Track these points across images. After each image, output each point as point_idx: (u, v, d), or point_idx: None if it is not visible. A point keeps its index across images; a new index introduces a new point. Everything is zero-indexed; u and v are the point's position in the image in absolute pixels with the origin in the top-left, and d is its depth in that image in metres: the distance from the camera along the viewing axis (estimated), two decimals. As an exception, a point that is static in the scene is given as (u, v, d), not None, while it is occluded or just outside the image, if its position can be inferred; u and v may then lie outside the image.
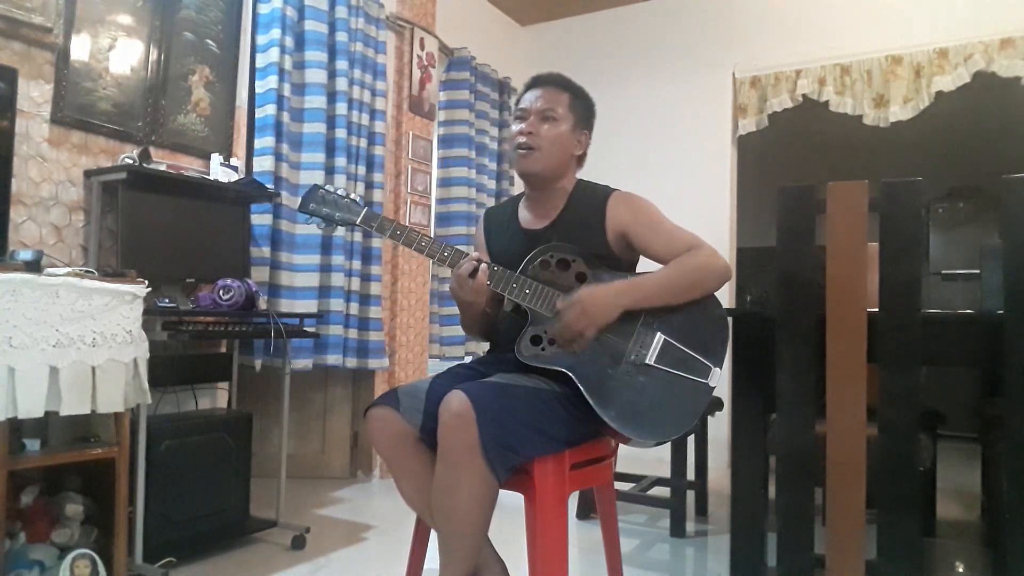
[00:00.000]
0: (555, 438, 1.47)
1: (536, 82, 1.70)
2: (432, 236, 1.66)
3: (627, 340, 1.53)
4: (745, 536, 1.87)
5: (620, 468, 3.08)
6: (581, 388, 1.48)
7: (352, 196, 1.63)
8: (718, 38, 4.39)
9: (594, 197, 1.68)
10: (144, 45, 2.62)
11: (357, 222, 1.59)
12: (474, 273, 1.54)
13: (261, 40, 3.07)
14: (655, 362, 1.51)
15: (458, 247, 1.58)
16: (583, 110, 1.70)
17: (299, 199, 1.63)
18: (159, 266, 2.43)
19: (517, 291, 1.55)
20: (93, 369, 1.83)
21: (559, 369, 1.50)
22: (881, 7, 3.94)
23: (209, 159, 2.80)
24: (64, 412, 1.77)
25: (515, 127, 1.67)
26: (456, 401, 1.37)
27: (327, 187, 1.63)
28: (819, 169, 5.37)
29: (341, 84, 3.29)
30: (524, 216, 1.75)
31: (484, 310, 1.68)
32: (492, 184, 4.46)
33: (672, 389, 1.50)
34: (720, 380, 1.52)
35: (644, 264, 1.67)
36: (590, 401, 1.47)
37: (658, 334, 1.53)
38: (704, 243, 1.59)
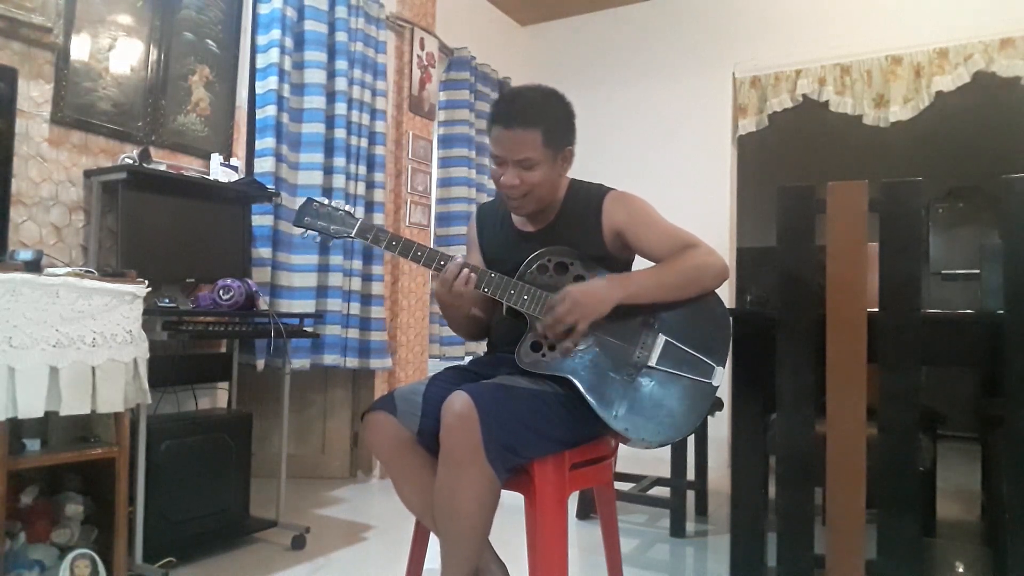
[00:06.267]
0: (556, 440, 1.47)
1: (508, 122, 1.54)
2: (429, 245, 1.63)
3: (629, 342, 1.52)
4: (745, 536, 1.87)
5: (620, 468, 3.08)
6: (583, 392, 1.48)
7: (347, 208, 1.60)
8: (718, 38, 4.39)
9: (589, 197, 1.66)
10: (144, 45, 2.62)
11: (352, 234, 1.58)
12: (461, 276, 1.50)
13: (261, 40, 3.07)
14: (658, 363, 1.51)
15: (450, 254, 1.56)
16: (561, 134, 1.58)
17: (298, 200, 1.62)
18: (159, 266, 2.43)
19: (515, 297, 1.53)
20: (93, 369, 1.83)
21: (562, 375, 1.50)
22: (881, 7, 3.94)
23: (209, 159, 2.80)
24: (64, 412, 1.77)
25: (494, 166, 1.59)
26: (459, 402, 1.37)
27: (322, 200, 1.61)
28: (819, 169, 5.35)
29: (341, 84, 3.29)
30: (519, 218, 1.72)
31: (471, 313, 1.67)
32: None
33: (675, 390, 1.50)
34: (723, 379, 1.52)
35: (639, 264, 1.65)
36: (593, 404, 1.47)
37: (660, 335, 1.52)
38: (701, 242, 1.57)
